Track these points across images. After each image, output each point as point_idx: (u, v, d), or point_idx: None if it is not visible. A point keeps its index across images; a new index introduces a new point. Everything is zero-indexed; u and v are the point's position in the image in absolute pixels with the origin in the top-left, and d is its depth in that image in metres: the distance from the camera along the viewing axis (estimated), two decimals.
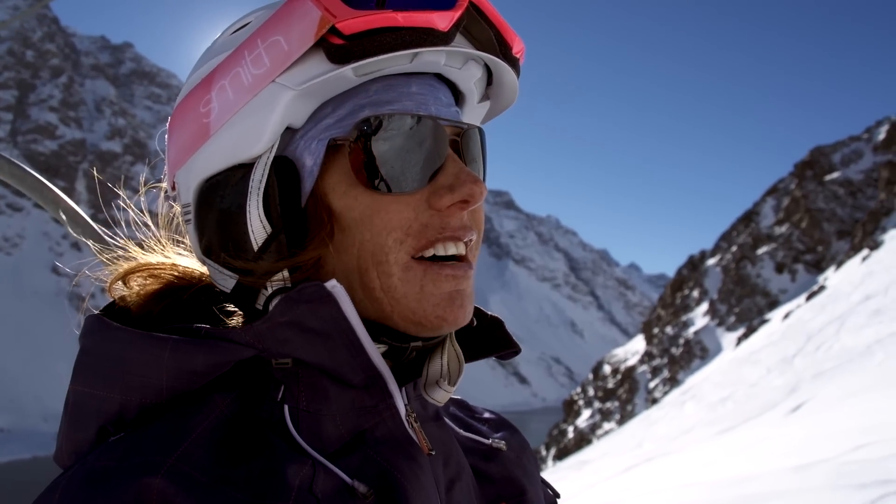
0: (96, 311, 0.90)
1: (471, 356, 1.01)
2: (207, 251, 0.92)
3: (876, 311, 16.32)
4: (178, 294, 0.98)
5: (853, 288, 21.74)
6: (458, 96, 1.00)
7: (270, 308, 0.87)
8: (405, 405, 0.90)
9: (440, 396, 0.92)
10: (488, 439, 1.08)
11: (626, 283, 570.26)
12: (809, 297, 29.26)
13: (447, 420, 1.03)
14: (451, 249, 0.88)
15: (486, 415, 1.19)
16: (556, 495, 1.22)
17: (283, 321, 0.82)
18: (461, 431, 1.07)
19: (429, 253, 0.87)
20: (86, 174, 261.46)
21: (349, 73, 0.84)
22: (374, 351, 0.85)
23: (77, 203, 1.93)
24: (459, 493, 0.94)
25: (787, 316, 29.60)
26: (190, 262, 1.04)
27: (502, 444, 1.08)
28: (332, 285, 0.81)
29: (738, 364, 24.35)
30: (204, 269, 1.02)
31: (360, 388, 0.87)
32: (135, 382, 0.80)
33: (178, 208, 1.00)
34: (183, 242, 1.07)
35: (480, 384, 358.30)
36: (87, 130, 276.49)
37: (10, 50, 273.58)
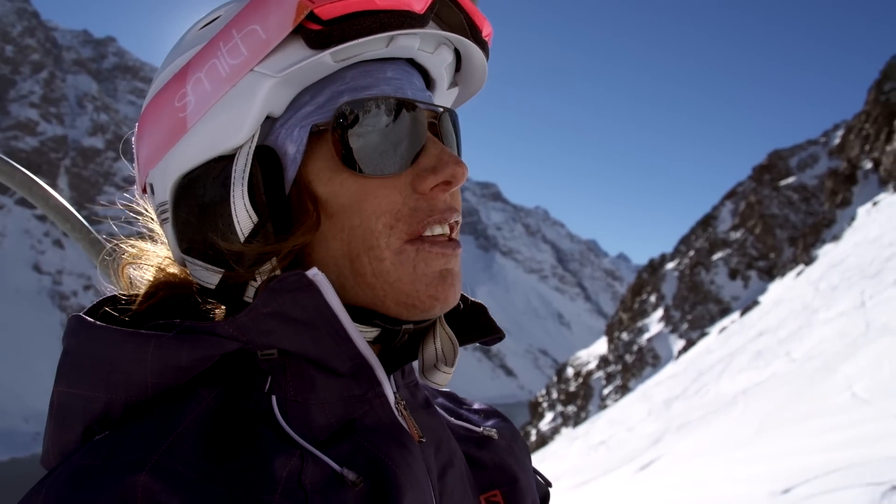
0: (78, 312, 0.88)
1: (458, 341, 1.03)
2: (188, 249, 0.90)
3: (759, 352, 16.28)
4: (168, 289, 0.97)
5: (758, 318, 21.68)
6: (428, 82, 1.01)
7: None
8: (394, 393, 0.91)
9: (441, 379, 0.93)
10: (479, 427, 1.09)
11: (614, 275, 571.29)
12: (744, 313, 29.36)
13: (438, 408, 1.03)
14: (438, 230, 0.89)
15: (476, 405, 1.19)
16: (549, 484, 1.22)
17: (265, 312, 0.81)
18: (452, 420, 1.07)
19: (417, 235, 0.87)
20: (68, 171, 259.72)
21: (328, 59, 0.84)
22: (360, 338, 0.85)
23: None
24: (452, 479, 0.94)
25: (721, 331, 29.70)
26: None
27: (493, 433, 1.08)
28: (314, 273, 0.80)
29: (635, 399, 24.36)
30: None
31: (347, 376, 0.86)
32: (119, 381, 0.79)
33: (152, 209, 1.00)
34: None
35: (467, 377, 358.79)
36: (68, 126, 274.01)
37: None
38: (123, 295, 0.96)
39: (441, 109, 0.95)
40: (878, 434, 7.20)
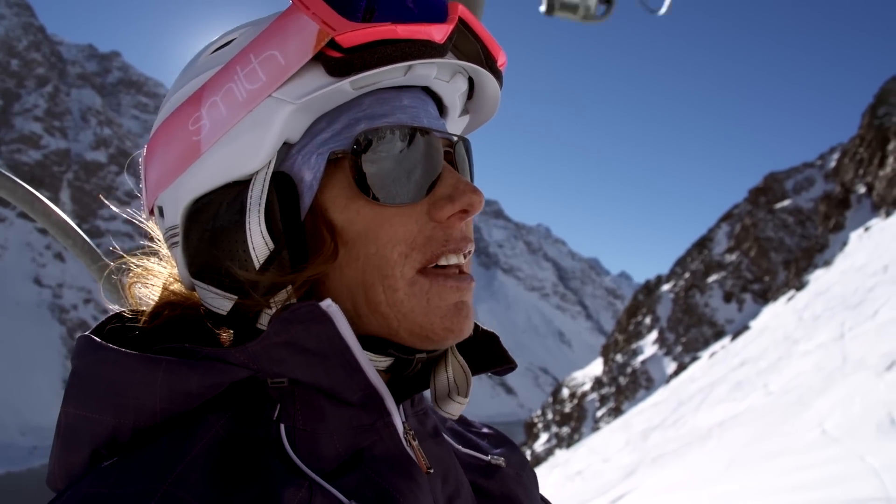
0: (87, 332, 0.86)
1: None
2: (198, 273, 0.89)
3: (738, 383, 16.15)
4: (174, 309, 0.96)
5: (742, 346, 21.56)
6: (441, 110, 1.00)
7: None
8: (403, 423, 0.90)
9: (454, 409, 0.93)
10: (487, 455, 1.07)
11: (615, 293, 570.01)
12: (734, 338, 29.20)
13: (445, 436, 1.02)
14: (453, 260, 0.88)
15: (485, 430, 1.17)
16: None
17: (277, 341, 0.80)
18: (460, 448, 1.05)
19: (432, 265, 0.87)
20: (70, 184, 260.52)
21: (347, 87, 0.84)
22: (371, 369, 0.84)
23: None
24: None
25: (711, 356, 29.53)
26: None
27: (501, 461, 1.07)
28: (328, 304, 0.80)
29: (616, 427, 24.21)
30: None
31: (356, 405, 0.86)
32: (128, 405, 0.79)
33: (159, 232, 0.98)
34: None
35: None
36: (72, 140, 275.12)
37: None
38: (128, 312, 0.95)
39: (455, 138, 0.95)
40: (843, 475, 7.12)
